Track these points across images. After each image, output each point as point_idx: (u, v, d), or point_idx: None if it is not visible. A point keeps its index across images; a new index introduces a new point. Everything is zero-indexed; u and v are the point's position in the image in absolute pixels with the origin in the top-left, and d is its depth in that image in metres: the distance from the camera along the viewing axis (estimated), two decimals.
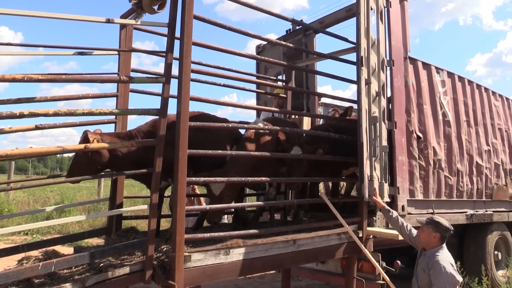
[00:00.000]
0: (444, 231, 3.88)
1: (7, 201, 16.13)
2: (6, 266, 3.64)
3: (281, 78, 6.96)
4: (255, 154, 4.17)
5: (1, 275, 2.97)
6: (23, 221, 11.00)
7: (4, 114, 2.89)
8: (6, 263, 3.73)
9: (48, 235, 11.34)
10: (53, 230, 12.24)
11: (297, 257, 4.32)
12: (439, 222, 3.90)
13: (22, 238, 11.28)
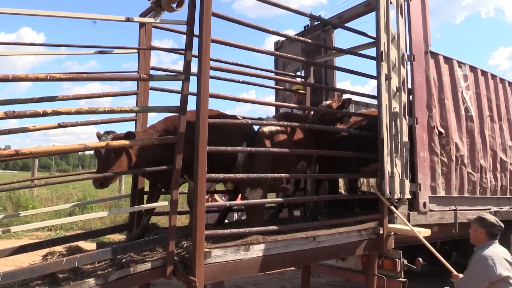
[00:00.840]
0: (490, 227, 3.88)
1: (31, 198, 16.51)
2: (31, 261, 3.73)
3: (300, 74, 6.92)
4: (275, 151, 4.16)
5: (27, 270, 3.04)
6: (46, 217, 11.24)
7: (28, 113, 2.95)
8: (31, 258, 3.83)
9: (71, 231, 11.57)
10: (76, 226, 12.49)
11: (317, 253, 4.31)
12: (484, 218, 3.94)
13: (46, 233, 11.54)
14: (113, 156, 3.72)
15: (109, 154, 3.70)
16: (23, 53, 4.27)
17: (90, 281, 3.18)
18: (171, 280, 3.75)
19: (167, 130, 4.07)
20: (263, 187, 4.02)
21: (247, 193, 4.00)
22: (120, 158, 3.76)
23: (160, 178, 4.16)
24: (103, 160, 3.72)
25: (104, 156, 3.70)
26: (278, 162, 4.48)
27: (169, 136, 3.58)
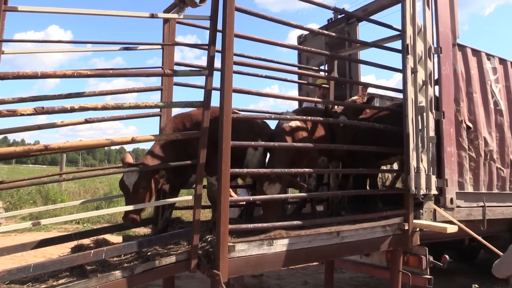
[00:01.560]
0: None
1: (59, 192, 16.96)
2: (60, 253, 3.83)
3: (324, 68, 6.87)
4: (298, 146, 4.14)
5: (56, 262, 3.13)
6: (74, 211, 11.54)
7: (56, 109, 3.03)
8: (60, 250, 3.93)
9: (98, 224, 11.84)
10: (102, 219, 12.78)
11: (341, 249, 4.28)
12: None
13: (74, 226, 11.85)
14: (142, 192, 3.70)
15: (138, 189, 3.68)
16: (51, 50, 4.36)
17: (117, 273, 3.25)
18: (195, 274, 3.79)
19: (177, 129, 4.10)
20: (281, 182, 4.01)
21: (265, 187, 4.00)
22: (148, 191, 3.75)
23: (173, 177, 4.20)
24: (132, 197, 3.69)
25: (132, 192, 3.67)
26: (298, 157, 4.46)
27: (193, 131, 3.60)
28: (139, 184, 3.65)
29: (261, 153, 4.62)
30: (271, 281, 7.46)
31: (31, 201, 15.81)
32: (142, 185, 3.67)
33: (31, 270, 2.98)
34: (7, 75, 2.93)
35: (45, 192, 16.50)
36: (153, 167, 3.69)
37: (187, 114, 4.25)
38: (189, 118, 4.16)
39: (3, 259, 4.40)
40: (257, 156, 4.59)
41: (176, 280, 4.84)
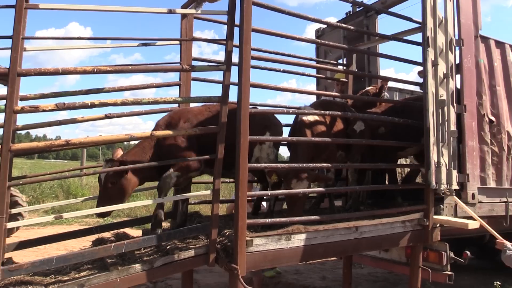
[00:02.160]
0: None
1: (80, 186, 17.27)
2: (82, 246, 3.91)
3: (342, 62, 6.80)
4: (317, 140, 4.12)
5: (78, 254, 3.19)
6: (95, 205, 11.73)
7: (77, 105, 3.08)
8: (81, 243, 4.01)
9: (118, 218, 12.01)
10: (122, 213, 12.97)
11: (359, 244, 4.25)
12: None
13: (94, 220, 12.03)
14: (111, 187, 3.71)
15: (107, 184, 3.70)
16: (72, 47, 4.43)
17: (137, 267, 3.30)
18: (213, 268, 3.81)
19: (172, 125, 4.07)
20: (308, 178, 4.00)
21: (293, 184, 3.99)
22: (117, 187, 3.74)
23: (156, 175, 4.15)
24: (101, 191, 3.76)
25: (102, 186, 3.72)
26: (317, 152, 4.43)
27: (211, 126, 3.61)
28: (109, 179, 3.66)
29: (269, 146, 4.49)
30: (289, 275, 7.47)
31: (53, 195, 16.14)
32: (111, 180, 3.68)
33: (53, 263, 3.04)
34: (30, 72, 2.99)
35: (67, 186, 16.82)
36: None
37: (184, 111, 4.25)
38: (186, 114, 4.13)
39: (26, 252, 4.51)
40: (266, 150, 4.47)
41: (195, 273, 4.88)
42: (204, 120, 4.10)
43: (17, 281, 3.01)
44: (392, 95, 7.65)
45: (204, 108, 4.25)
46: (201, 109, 4.25)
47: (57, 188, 16.69)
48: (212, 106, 4.23)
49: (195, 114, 4.16)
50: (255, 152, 4.40)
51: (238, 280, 3.34)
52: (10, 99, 2.84)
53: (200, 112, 4.20)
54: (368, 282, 7.16)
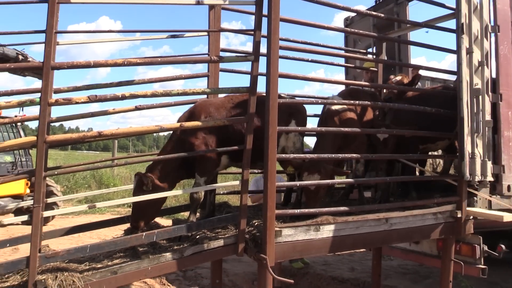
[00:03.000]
0: None
1: (112, 176, 17.70)
2: (114, 235, 4.01)
3: (371, 51, 6.67)
4: (345, 130, 4.06)
5: (111, 243, 3.28)
6: (126, 195, 12.00)
7: (108, 97, 3.14)
8: (113, 232, 4.11)
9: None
10: None
11: (389, 236, 4.19)
12: None
13: (126, 210, 12.34)
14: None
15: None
16: (102, 40, 4.51)
17: (167, 255, 3.37)
18: (242, 257, 3.84)
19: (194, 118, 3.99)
20: (320, 173, 3.94)
21: (304, 177, 3.95)
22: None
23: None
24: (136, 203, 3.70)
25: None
26: (346, 142, 4.36)
27: (240, 117, 3.62)
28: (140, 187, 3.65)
29: (295, 135, 4.38)
30: (317, 266, 7.46)
31: (86, 185, 16.63)
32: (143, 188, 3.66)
33: (87, 251, 3.14)
34: (63, 65, 3.06)
35: (99, 176, 17.29)
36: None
37: (206, 103, 4.15)
38: (207, 107, 4.06)
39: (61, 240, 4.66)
40: (292, 138, 4.37)
41: (224, 263, 4.94)
42: (226, 112, 4.03)
43: (54, 268, 3.11)
44: (424, 84, 7.46)
45: (226, 100, 4.16)
46: (223, 100, 4.16)
47: (90, 178, 17.18)
48: (235, 96, 4.15)
49: (217, 107, 4.05)
50: (281, 142, 4.31)
51: (267, 270, 3.36)
52: (45, 92, 2.92)
53: (222, 104, 4.10)
54: (398, 274, 7.08)
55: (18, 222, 3.31)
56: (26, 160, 11.38)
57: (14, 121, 4.75)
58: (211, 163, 3.93)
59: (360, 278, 6.75)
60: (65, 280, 2.96)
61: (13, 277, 3.18)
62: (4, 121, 4.44)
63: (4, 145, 3.40)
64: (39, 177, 3.00)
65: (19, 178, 3.62)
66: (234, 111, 4.01)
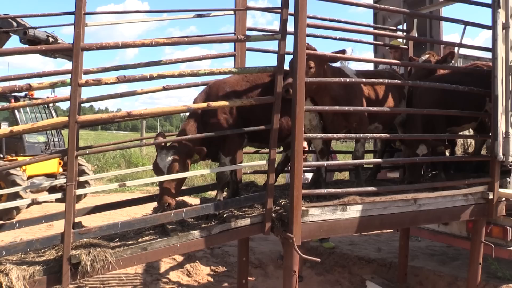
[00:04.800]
0: None
1: (141, 156, 18.06)
2: (143, 213, 4.10)
3: (402, 28, 6.48)
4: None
5: (141, 220, 3.37)
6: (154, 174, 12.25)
7: (136, 77, 3.17)
8: (143, 210, 4.21)
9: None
10: None
11: (418, 217, 4.14)
12: None
13: (155, 188, 12.61)
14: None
15: (172, 172, 3.56)
16: (130, 21, 4.54)
17: (195, 233, 3.43)
18: (268, 236, 3.88)
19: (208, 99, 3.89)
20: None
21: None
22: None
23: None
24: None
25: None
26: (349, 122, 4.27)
27: (267, 97, 3.60)
28: (173, 167, 3.56)
29: (311, 112, 4.20)
30: (344, 246, 7.47)
31: (116, 165, 17.03)
32: (176, 168, 3.57)
33: (119, 228, 3.23)
34: (92, 46, 3.10)
35: (128, 156, 17.68)
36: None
37: (220, 83, 4.05)
38: (223, 87, 3.97)
39: (93, 217, 4.83)
40: (307, 116, 4.16)
41: (250, 241, 5.00)
42: (242, 90, 3.95)
43: (87, 244, 3.22)
44: (457, 62, 7.21)
45: (241, 78, 4.05)
46: (238, 79, 4.04)
47: (120, 158, 17.59)
48: (250, 75, 4.04)
49: (232, 85, 3.96)
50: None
51: (294, 249, 3.39)
52: (75, 73, 2.97)
53: (238, 82, 4.00)
54: (425, 256, 7.01)
55: (52, 199, 3.43)
56: (58, 140, 11.71)
57: (46, 102, 4.87)
58: (236, 143, 3.92)
59: (387, 258, 6.73)
60: (98, 255, 3.07)
61: (49, 251, 3.31)
62: (37, 102, 4.55)
63: (38, 125, 3.49)
64: (71, 157, 3.09)
65: (52, 158, 3.73)
66: (249, 89, 3.96)
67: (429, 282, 5.93)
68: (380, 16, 7.05)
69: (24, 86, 2.98)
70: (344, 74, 4.18)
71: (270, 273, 6.36)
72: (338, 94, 4.00)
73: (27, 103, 5.42)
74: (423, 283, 5.98)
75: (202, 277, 6.15)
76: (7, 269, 2.87)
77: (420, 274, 6.08)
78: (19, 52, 3.25)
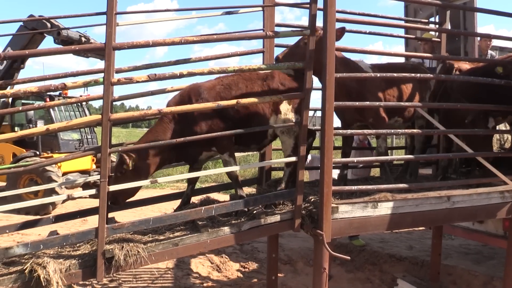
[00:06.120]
0: None
1: None
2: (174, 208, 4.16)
3: (434, 20, 6.31)
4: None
5: (172, 216, 3.42)
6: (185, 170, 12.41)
7: (167, 75, 3.22)
8: (173, 206, 4.26)
9: (205, 183, 12.60)
10: (209, 179, 13.58)
11: (451, 214, 4.03)
12: None
13: (184, 185, 12.73)
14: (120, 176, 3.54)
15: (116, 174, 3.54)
16: (160, 19, 4.59)
17: (225, 229, 3.46)
18: (298, 233, 3.87)
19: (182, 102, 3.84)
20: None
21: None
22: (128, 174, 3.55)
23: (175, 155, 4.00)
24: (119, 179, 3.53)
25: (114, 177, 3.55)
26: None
27: (296, 93, 3.58)
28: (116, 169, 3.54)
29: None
30: (374, 243, 7.37)
31: None
32: (119, 170, 3.54)
33: (150, 223, 3.29)
34: (123, 45, 3.16)
35: None
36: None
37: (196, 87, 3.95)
38: (198, 91, 3.88)
39: (126, 213, 4.92)
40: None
41: (280, 238, 5.01)
42: (216, 94, 3.86)
43: (120, 239, 3.30)
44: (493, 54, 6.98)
45: (216, 82, 3.98)
46: (213, 83, 3.98)
47: None
48: (225, 78, 3.97)
49: (208, 89, 3.88)
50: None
51: (324, 246, 3.36)
52: (108, 72, 3.04)
53: (213, 86, 3.92)
54: (459, 254, 6.84)
55: (86, 195, 3.52)
56: (91, 138, 12.02)
57: (80, 101, 5.00)
58: (226, 138, 3.81)
59: (419, 256, 6.60)
60: (131, 250, 3.14)
61: (84, 246, 3.41)
62: (71, 100, 4.69)
63: (72, 123, 3.60)
64: (104, 154, 3.16)
65: (86, 155, 3.81)
66: (224, 92, 3.88)
67: (463, 282, 5.79)
68: (411, 8, 6.88)
69: (59, 85, 3.06)
70: (355, 66, 4.15)
71: (300, 270, 6.35)
72: (351, 87, 3.95)
73: (62, 102, 5.58)
74: (456, 282, 5.84)
75: (232, 272, 6.20)
76: (44, 262, 2.98)
77: (453, 273, 5.95)
78: (53, 52, 3.35)
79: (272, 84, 3.89)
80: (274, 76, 3.94)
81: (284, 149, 4.00)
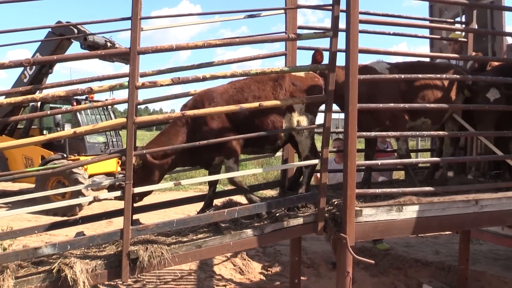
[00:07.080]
0: None
1: None
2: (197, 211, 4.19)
3: (460, 20, 6.17)
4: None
5: (195, 218, 3.45)
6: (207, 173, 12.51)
7: (190, 78, 3.25)
8: (196, 208, 4.31)
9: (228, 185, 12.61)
10: None
11: (479, 218, 3.94)
12: None
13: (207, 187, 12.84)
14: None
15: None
16: (184, 24, 4.65)
17: (248, 232, 3.47)
18: (321, 236, 3.84)
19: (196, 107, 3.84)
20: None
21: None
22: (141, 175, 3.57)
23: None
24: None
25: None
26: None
27: (319, 95, 3.57)
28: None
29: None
30: (399, 248, 7.24)
31: None
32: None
33: (174, 225, 3.33)
34: (148, 50, 3.21)
35: None
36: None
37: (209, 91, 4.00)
38: (211, 95, 3.92)
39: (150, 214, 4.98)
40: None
41: (302, 241, 4.97)
42: (229, 97, 3.88)
43: (144, 240, 3.34)
44: None
45: (229, 86, 4.02)
46: (226, 87, 4.01)
47: None
48: (237, 82, 4.01)
49: (221, 93, 3.91)
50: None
51: (347, 249, 3.33)
52: (132, 76, 3.09)
53: (225, 90, 3.95)
54: (488, 260, 6.65)
55: (111, 197, 3.59)
56: (116, 140, 12.25)
57: (105, 104, 5.13)
58: (234, 146, 3.86)
59: (446, 261, 6.45)
60: (155, 251, 3.18)
61: (109, 247, 3.48)
62: (97, 104, 4.81)
63: (98, 126, 3.67)
64: (129, 156, 3.21)
65: (112, 157, 3.89)
66: (237, 95, 3.89)
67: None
68: (436, 8, 6.75)
69: (85, 89, 3.13)
70: (367, 69, 4.09)
71: (323, 273, 6.29)
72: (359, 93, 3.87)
73: (88, 105, 5.69)
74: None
75: (255, 275, 6.19)
76: (71, 263, 3.05)
77: (482, 279, 5.78)
78: (80, 57, 3.43)
79: (283, 84, 3.91)
80: (285, 77, 3.95)
81: (301, 149, 3.98)
